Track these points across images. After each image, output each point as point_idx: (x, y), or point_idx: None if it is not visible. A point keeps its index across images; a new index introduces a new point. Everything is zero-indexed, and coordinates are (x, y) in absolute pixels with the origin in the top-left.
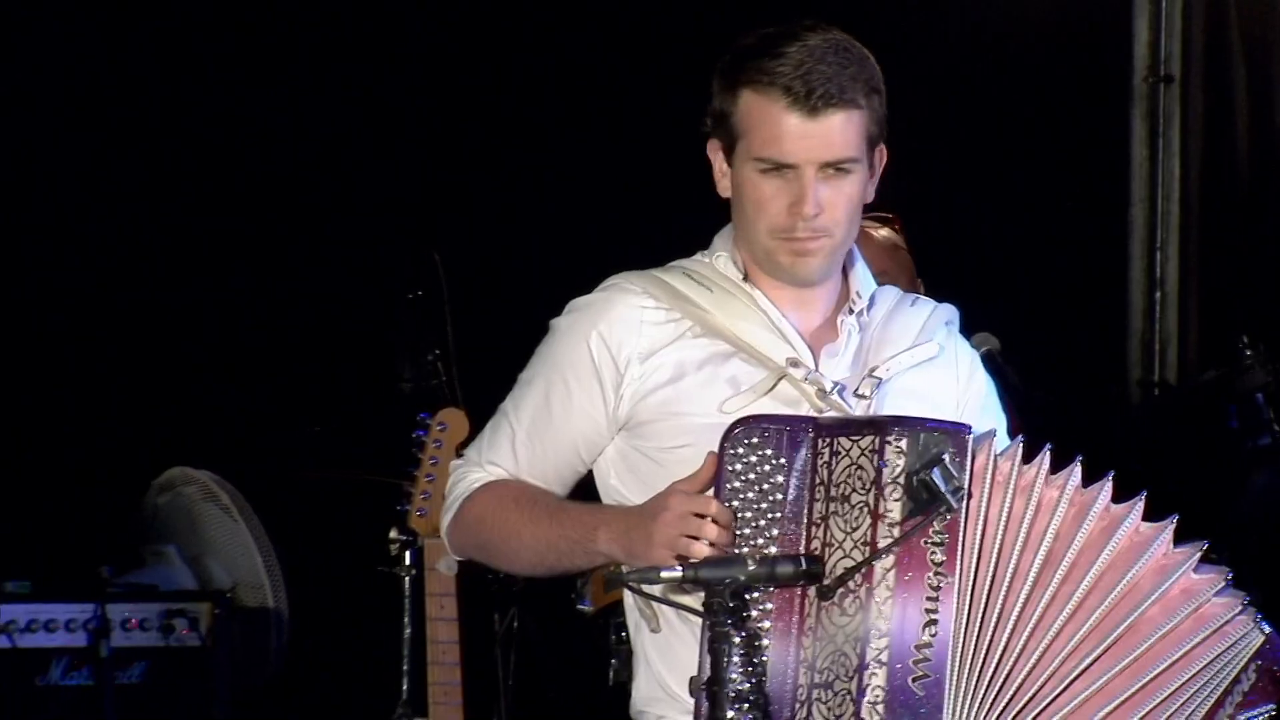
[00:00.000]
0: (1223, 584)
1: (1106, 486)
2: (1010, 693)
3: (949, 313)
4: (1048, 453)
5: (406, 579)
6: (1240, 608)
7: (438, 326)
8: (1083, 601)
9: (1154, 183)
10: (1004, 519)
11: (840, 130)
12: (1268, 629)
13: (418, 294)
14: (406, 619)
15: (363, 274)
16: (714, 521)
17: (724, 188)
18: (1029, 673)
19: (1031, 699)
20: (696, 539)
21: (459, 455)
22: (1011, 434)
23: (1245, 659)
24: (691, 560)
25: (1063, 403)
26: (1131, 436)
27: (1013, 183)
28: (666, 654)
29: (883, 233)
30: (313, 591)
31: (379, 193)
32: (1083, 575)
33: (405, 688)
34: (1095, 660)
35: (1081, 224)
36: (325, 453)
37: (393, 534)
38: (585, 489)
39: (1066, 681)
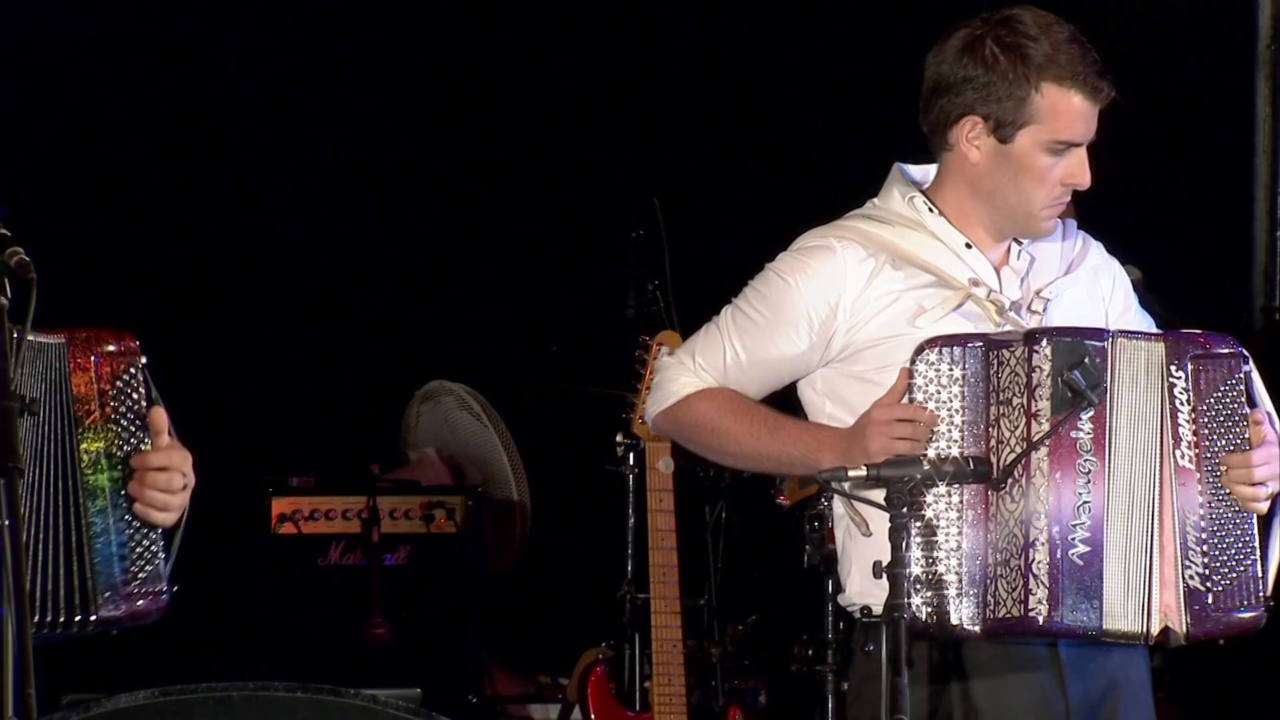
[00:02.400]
0: None
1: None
2: (1159, 558)
3: (1093, 241)
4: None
5: (630, 476)
6: None
7: (657, 261)
8: None
9: (1275, 135)
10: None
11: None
12: None
13: (640, 233)
14: (630, 510)
15: (594, 217)
16: (916, 423)
17: (973, 157)
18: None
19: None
20: (904, 439)
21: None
22: None
23: None
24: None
25: (1198, 326)
26: (1255, 355)
27: (1152, 136)
28: (873, 545)
29: None
30: (551, 487)
31: (609, 146)
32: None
33: (630, 569)
34: None
35: (1210, 172)
36: (562, 368)
37: (619, 438)
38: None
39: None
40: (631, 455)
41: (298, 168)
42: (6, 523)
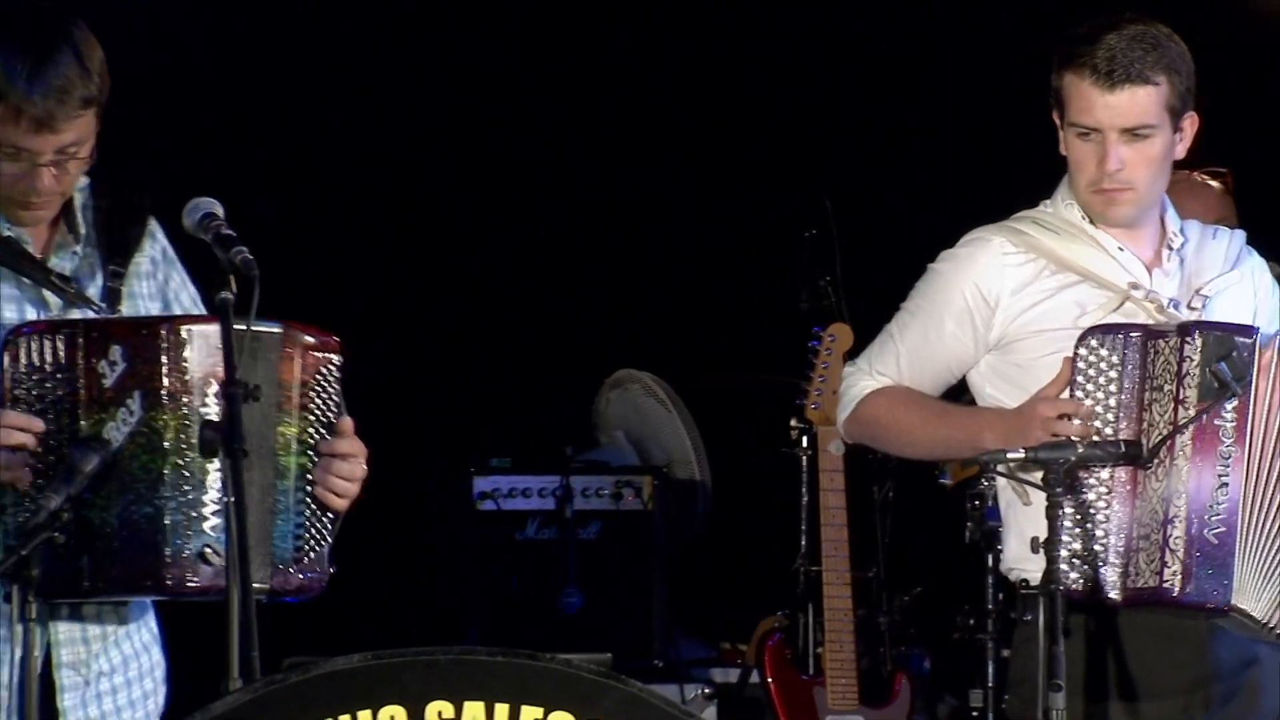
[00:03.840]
0: None
1: None
2: None
3: (1242, 238)
4: None
5: (803, 458)
6: None
7: (828, 258)
8: None
9: None
10: None
11: (1136, 102)
12: None
13: (813, 232)
14: (804, 490)
15: (771, 217)
16: (1074, 418)
17: (1063, 148)
18: None
19: None
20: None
21: (846, 361)
22: None
23: None
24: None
25: None
26: None
27: None
28: (1031, 522)
29: (1216, 185)
30: (731, 468)
31: (785, 151)
32: None
33: (803, 544)
34: None
35: None
36: (740, 358)
37: (793, 423)
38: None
39: None
40: (805, 438)
41: (499, 165)
42: (232, 500)
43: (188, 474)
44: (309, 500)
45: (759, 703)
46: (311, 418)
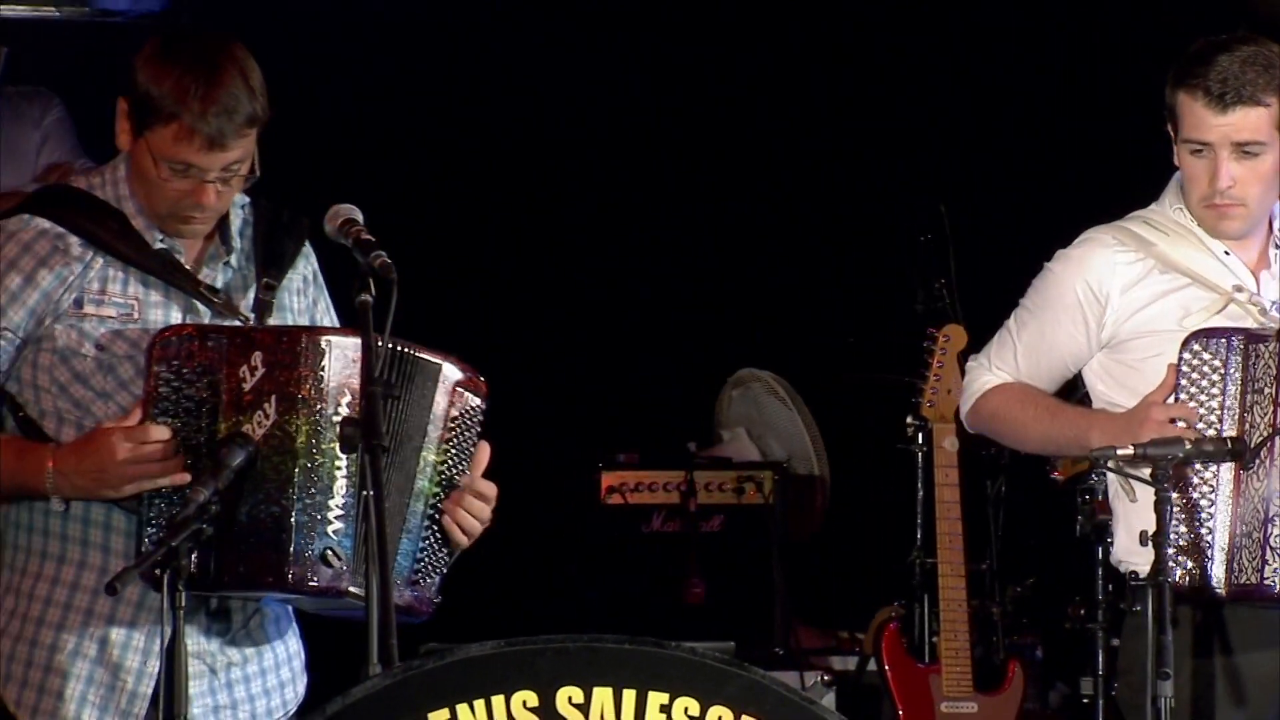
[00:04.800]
0: None
1: None
2: None
3: None
4: None
5: (919, 454)
6: None
7: (943, 261)
8: None
9: None
10: None
11: (1247, 122)
12: None
13: (928, 236)
14: (919, 484)
15: (887, 222)
16: (1179, 421)
17: (1176, 159)
18: None
19: None
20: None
21: (959, 361)
22: None
23: None
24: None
25: None
26: None
27: None
28: (1140, 516)
29: None
30: (849, 464)
31: (901, 158)
32: None
33: (919, 536)
34: None
35: None
36: (858, 358)
37: (909, 420)
38: None
39: None
40: (920, 435)
41: (626, 168)
42: (370, 493)
43: (316, 477)
44: (435, 527)
45: (876, 689)
46: (452, 451)
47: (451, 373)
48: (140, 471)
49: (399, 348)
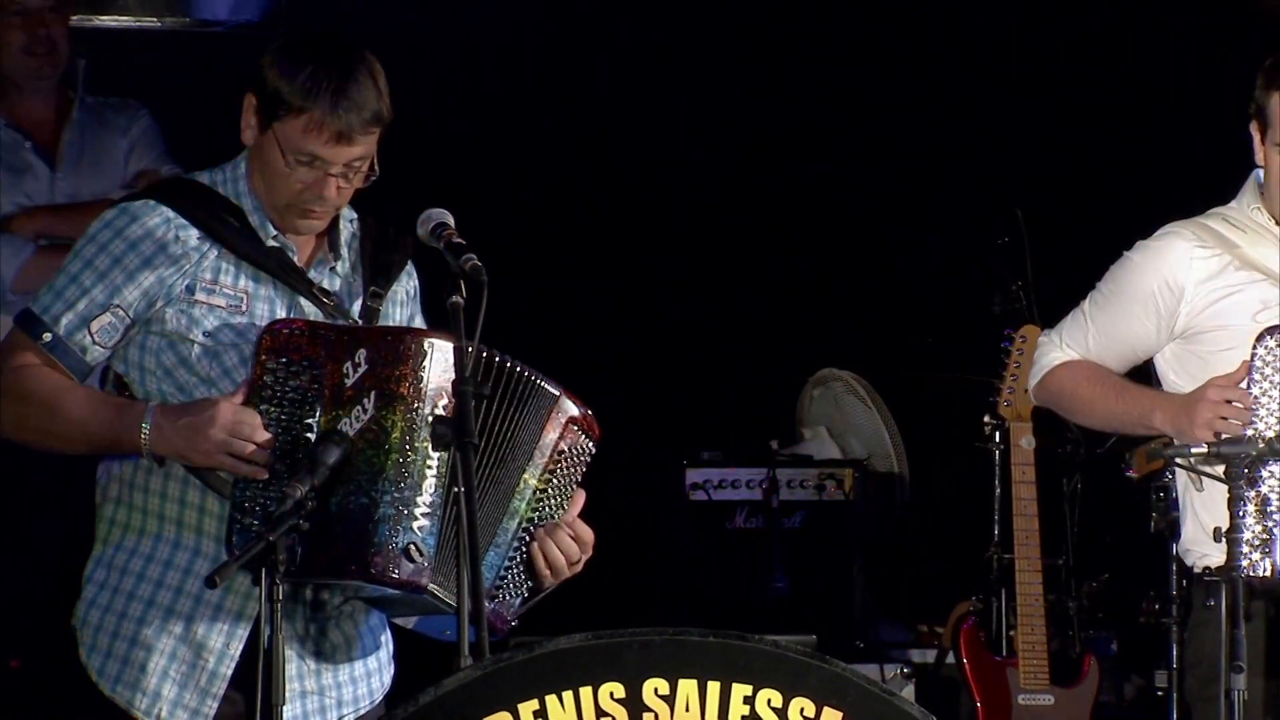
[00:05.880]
0: None
1: None
2: None
3: None
4: None
5: (996, 452)
6: None
7: (1020, 264)
8: None
9: None
10: None
11: None
12: None
13: (1005, 240)
14: (996, 482)
15: (966, 226)
16: (1241, 406)
17: (1259, 159)
18: None
19: None
20: (1229, 420)
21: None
22: None
23: None
24: (1220, 439)
25: None
26: None
27: None
28: (1207, 508)
29: None
30: (927, 462)
31: (979, 163)
32: None
33: (996, 533)
34: None
35: None
36: (937, 358)
37: (986, 419)
38: None
39: None
40: (997, 434)
41: (713, 173)
42: (461, 489)
43: (407, 473)
44: (523, 550)
45: (954, 682)
46: (554, 482)
47: (568, 407)
48: (229, 445)
49: (520, 370)
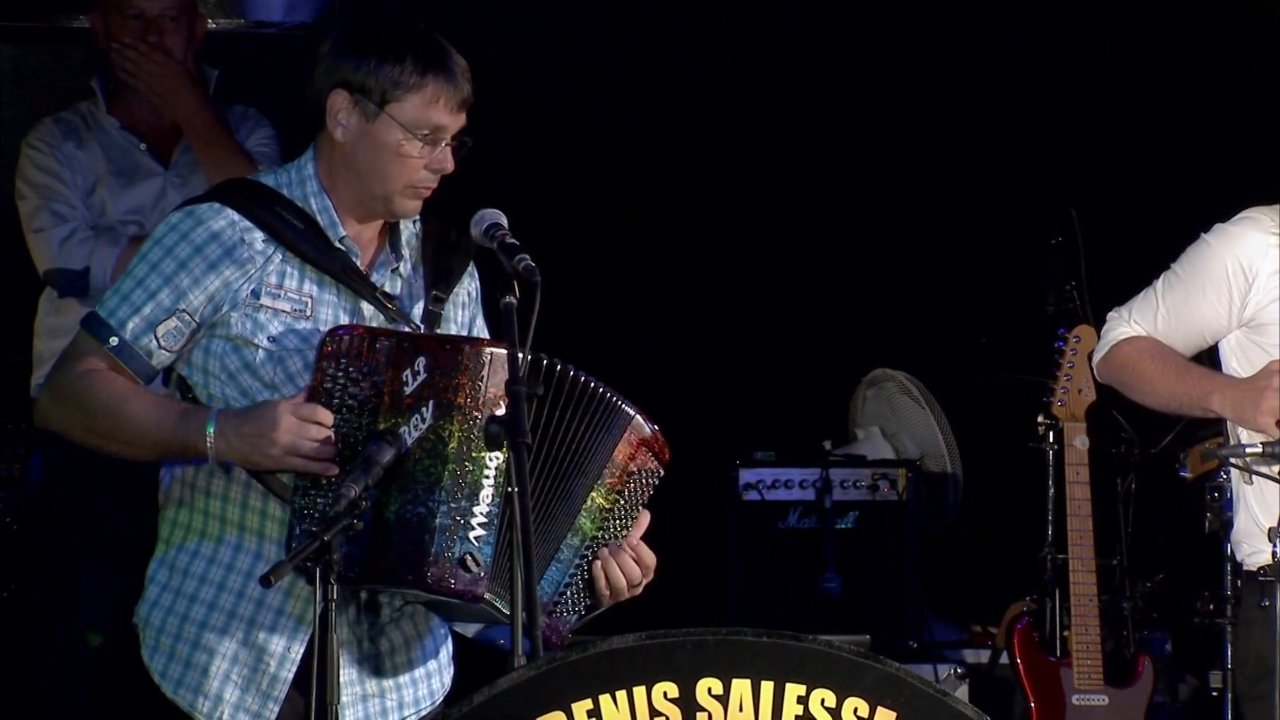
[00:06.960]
0: None
1: None
2: None
3: None
4: None
5: (1050, 452)
6: None
7: (1074, 264)
8: None
9: None
10: None
11: None
12: None
13: (1059, 240)
14: (1050, 482)
15: (1020, 226)
16: None
17: None
18: None
19: None
20: None
21: (1089, 362)
22: None
23: None
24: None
25: None
26: None
27: None
28: (1258, 501)
29: None
30: (981, 462)
31: (1033, 165)
32: None
33: (1050, 533)
34: None
35: None
36: (990, 358)
37: (1040, 419)
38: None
39: None
40: (1051, 434)
41: (764, 171)
42: (515, 489)
43: (463, 483)
44: (584, 568)
45: (1008, 682)
46: (620, 502)
47: (641, 428)
48: (295, 447)
49: (599, 389)
